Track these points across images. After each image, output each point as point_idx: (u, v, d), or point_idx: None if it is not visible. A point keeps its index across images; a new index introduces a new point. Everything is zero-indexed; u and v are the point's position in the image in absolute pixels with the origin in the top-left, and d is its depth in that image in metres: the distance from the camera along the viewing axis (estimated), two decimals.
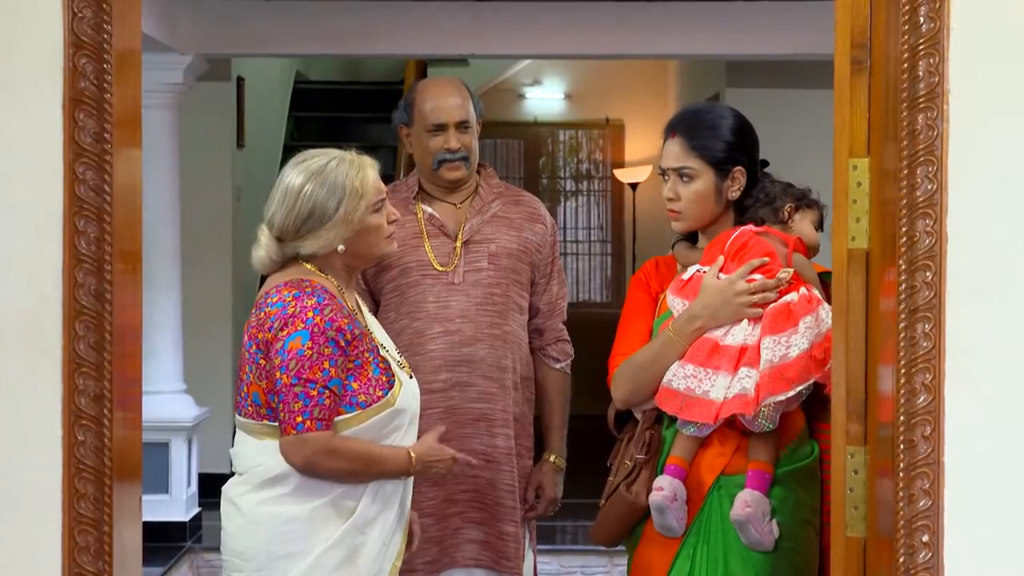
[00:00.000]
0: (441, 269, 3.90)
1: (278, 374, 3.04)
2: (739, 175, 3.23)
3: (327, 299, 3.06)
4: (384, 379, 3.10)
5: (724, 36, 7.70)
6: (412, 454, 3.14)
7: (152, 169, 7.48)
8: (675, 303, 3.17)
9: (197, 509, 7.84)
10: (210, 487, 7.77)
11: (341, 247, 3.13)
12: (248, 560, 3.10)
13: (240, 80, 9.27)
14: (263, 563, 3.08)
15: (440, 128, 3.91)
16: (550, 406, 4.08)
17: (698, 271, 3.17)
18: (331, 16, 7.67)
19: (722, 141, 3.22)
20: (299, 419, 3.02)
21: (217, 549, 6.96)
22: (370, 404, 3.08)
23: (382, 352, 3.14)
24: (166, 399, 7.63)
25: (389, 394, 3.10)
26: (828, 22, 7.34)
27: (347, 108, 12.25)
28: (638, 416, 3.24)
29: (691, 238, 3.32)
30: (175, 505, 7.65)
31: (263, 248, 3.17)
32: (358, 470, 3.08)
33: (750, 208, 3.25)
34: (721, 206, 3.24)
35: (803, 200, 3.30)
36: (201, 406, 7.79)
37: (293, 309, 3.05)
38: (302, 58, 11.34)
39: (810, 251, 3.27)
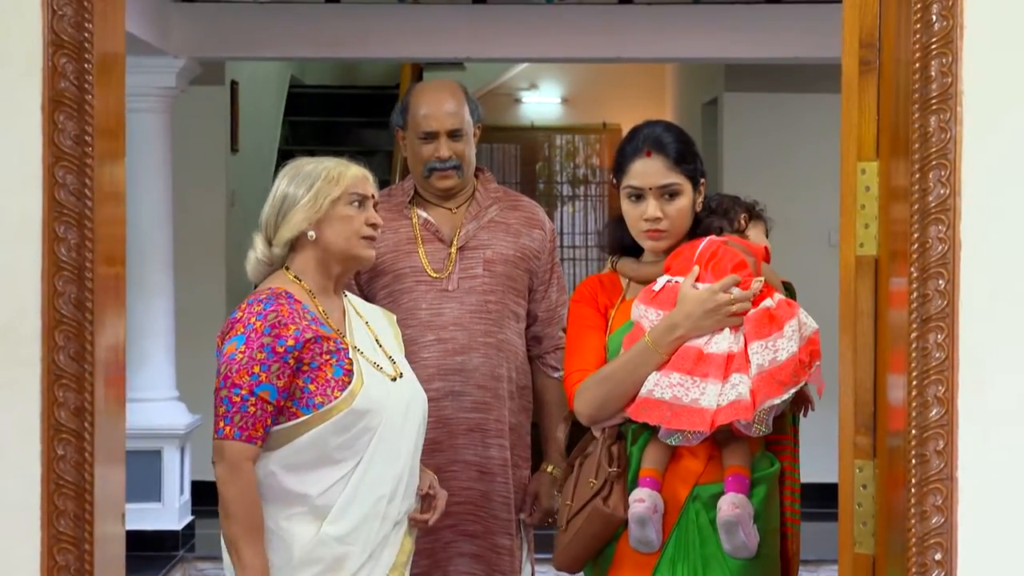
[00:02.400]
0: (435, 275, 3.82)
1: (216, 379, 3.02)
2: (702, 187, 3.22)
3: (276, 304, 3.02)
4: (346, 380, 3.04)
5: (723, 39, 7.65)
6: None
7: (145, 174, 7.45)
8: (648, 313, 3.11)
9: (190, 517, 7.78)
10: (203, 495, 7.73)
11: (311, 233, 3.10)
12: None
13: (234, 84, 9.22)
14: None
15: (431, 136, 3.83)
16: (548, 416, 4.00)
17: (669, 282, 3.12)
18: (326, 19, 7.62)
19: (693, 154, 3.20)
20: (220, 423, 2.98)
21: (210, 558, 6.90)
22: (325, 405, 3.01)
23: (351, 354, 3.08)
24: (158, 406, 7.60)
25: (345, 393, 3.03)
26: (829, 25, 7.32)
27: (342, 112, 12.21)
28: (597, 434, 3.18)
29: (632, 253, 3.27)
30: (167, 514, 7.61)
31: (255, 251, 3.17)
32: (239, 515, 2.96)
33: (705, 219, 3.23)
34: (692, 220, 3.21)
35: (752, 211, 3.31)
36: (194, 413, 7.73)
37: (240, 315, 3.03)
38: (297, 61, 11.29)
39: None
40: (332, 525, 3.02)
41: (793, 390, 2.99)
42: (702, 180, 3.20)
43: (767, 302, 3.05)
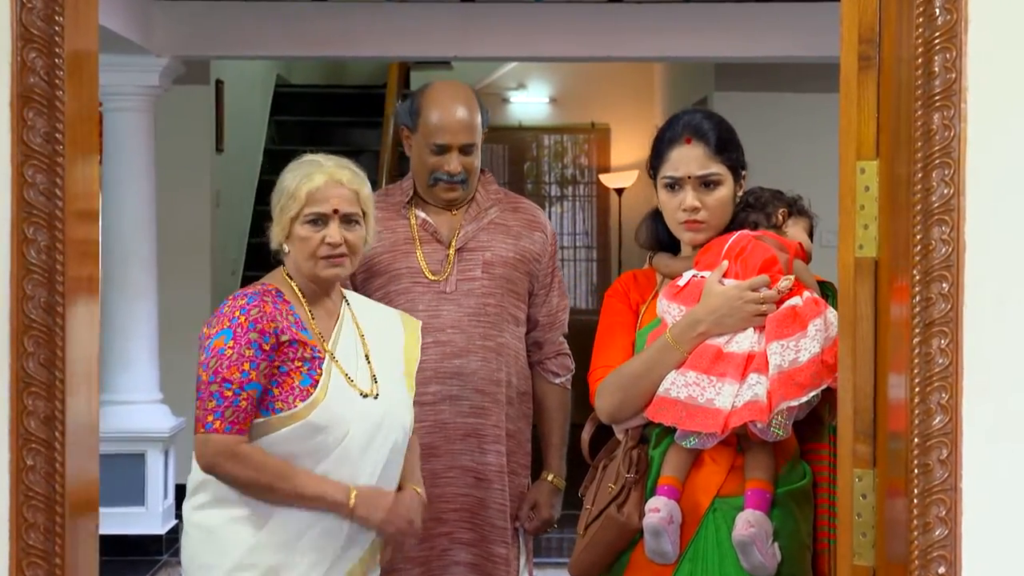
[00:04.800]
0: (432, 277, 3.74)
1: (199, 371, 2.97)
2: (744, 179, 3.12)
3: (259, 300, 2.98)
4: (312, 391, 2.97)
5: (713, 38, 7.60)
6: (353, 490, 3.00)
7: (128, 174, 7.41)
8: (671, 309, 3.00)
9: (174, 521, 7.71)
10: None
11: (285, 247, 3.08)
12: (184, 569, 3.07)
13: (219, 83, 9.14)
14: (191, 572, 3.04)
15: (443, 149, 3.72)
16: (549, 423, 3.91)
17: (694, 276, 3.02)
18: (313, 17, 7.55)
19: (736, 145, 3.10)
20: (209, 418, 2.94)
21: None
22: (284, 411, 2.96)
23: (326, 364, 3.00)
24: (142, 409, 7.56)
25: (305, 403, 2.96)
26: (820, 24, 7.23)
27: (329, 112, 12.13)
28: (619, 435, 3.08)
29: (670, 249, 3.17)
30: (151, 518, 7.57)
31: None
32: (270, 484, 2.95)
33: (740, 213, 3.11)
34: (732, 212, 3.10)
35: (794, 206, 3.19)
36: (178, 416, 7.66)
37: (226, 309, 3.00)
38: (283, 60, 11.21)
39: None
40: (271, 534, 2.96)
41: (813, 392, 2.88)
42: (743, 171, 3.10)
43: (793, 300, 2.94)
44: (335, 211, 3.04)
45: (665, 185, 3.07)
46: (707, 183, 3.04)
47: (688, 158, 3.05)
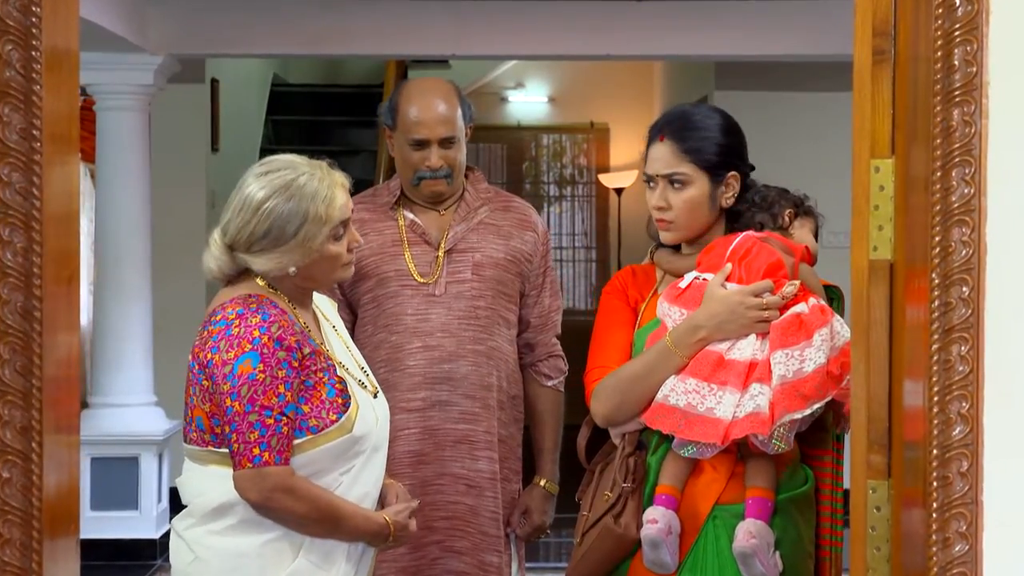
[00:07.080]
0: (421, 280, 3.66)
1: (228, 401, 2.78)
2: (732, 181, 3.02)
3: (274, 315, 2.82)
4: (340, 401, 2.85)
5: (713, 37, 7.52)
6: (390, 521, 2.92)
7: (123, 174, 7.37)
8: (672, 312, 2.92)
9: (168, 526, 7.61)
10: (181, 503, 7.58)
11: (293, 270, 2.89)
12: None
13: (215, 82, 9.07)
14: None
15: (422, 144, 3.64)
16: (541, 426, 3.83)
17: (696, 279, 2.92)
18: (309, 15, 7.49)
19: (714, 144, 3.00)
20: (256, 451, 2.77)
21: None
22: (321, 429, 2.83)
23: (339, 371, 2.89)
24: (136, 412, 7.52)
25: (344, 418, 2.84)
26: (821, 22, 7.11)
27: (326, 111, 12.06)
28: (616, 441, 3.00)
29: (674, 244, 3.08)
30: (145, 522, 7.53)
31: (213, 258, 2.96)
32: (318, 519, 2.83)
33: (745, 213, 3.03)
34: (714, 214, 3.02)
35: (801, 206, 3.10)
36: (172, 419, 7.59)
37: (238, 329, 2.80)
38: (279, 59, 11.14)
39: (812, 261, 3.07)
40: (309, 552, 2.85)
41: (818, 405, 2.79)
42: (730, 173, 3.01)
43: (799, 307, 2.85)
44: (351, 208, 2.96)
45: (645, 181, 3.03)
46: (673, 182, 2.97)
47: (657, 157, 3.00)
